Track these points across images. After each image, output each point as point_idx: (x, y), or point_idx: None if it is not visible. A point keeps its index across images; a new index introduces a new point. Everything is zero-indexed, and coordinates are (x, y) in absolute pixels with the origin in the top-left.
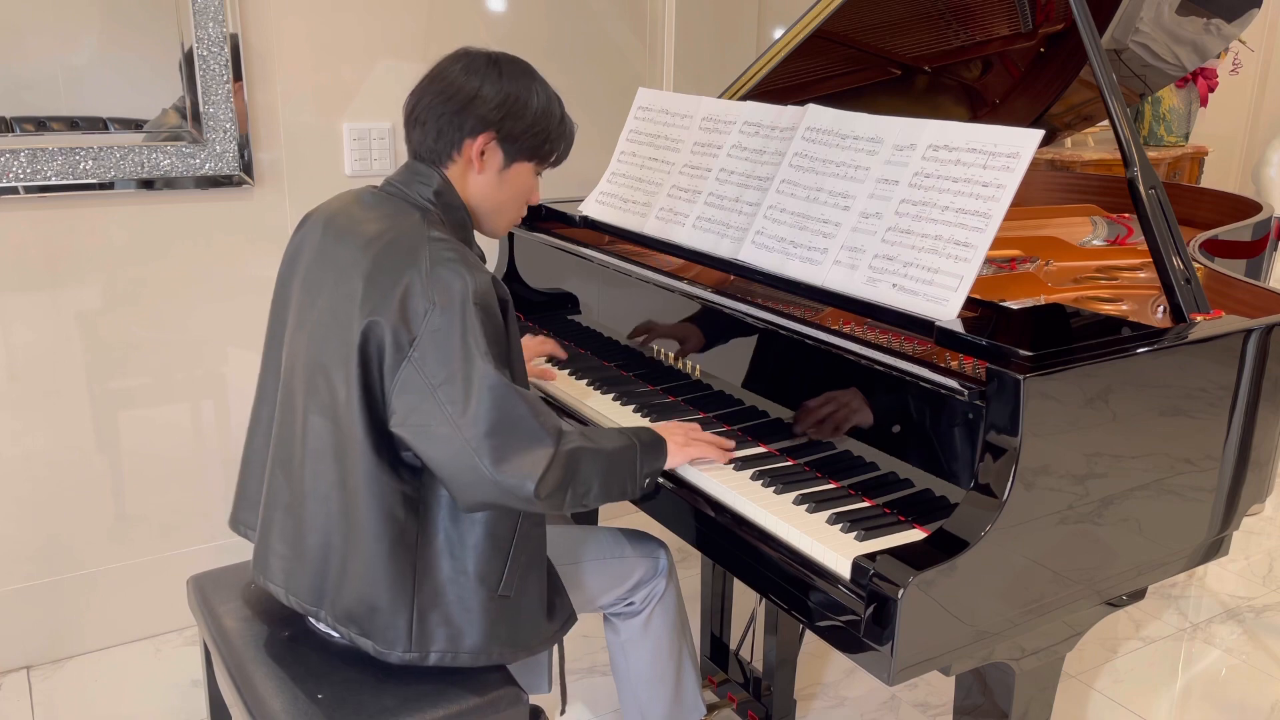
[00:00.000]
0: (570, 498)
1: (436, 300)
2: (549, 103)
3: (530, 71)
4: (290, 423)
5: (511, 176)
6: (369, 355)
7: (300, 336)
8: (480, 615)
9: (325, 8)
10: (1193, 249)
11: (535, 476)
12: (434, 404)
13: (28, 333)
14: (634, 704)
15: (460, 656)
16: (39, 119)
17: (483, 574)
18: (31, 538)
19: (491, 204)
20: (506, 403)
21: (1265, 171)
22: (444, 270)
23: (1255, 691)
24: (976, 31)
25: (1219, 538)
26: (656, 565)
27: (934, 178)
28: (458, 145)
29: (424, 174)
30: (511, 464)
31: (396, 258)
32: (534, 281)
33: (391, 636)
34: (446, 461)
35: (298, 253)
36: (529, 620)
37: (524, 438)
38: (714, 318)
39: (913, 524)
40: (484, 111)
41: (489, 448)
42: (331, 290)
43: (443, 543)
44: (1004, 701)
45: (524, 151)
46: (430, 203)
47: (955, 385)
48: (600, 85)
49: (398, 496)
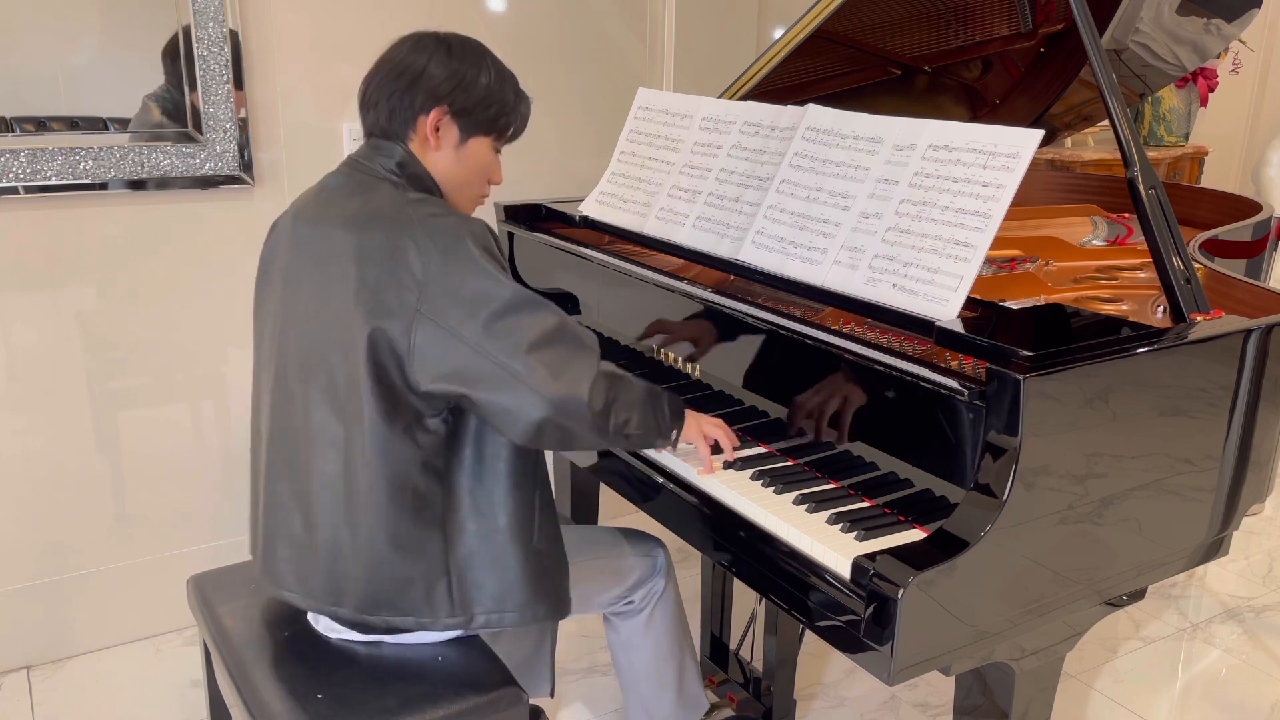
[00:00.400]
0: (613, 424)
1: (434, 251)
2: (500, 78)
3: (480, 49)
4: (288, 423)
5: (469, 152)
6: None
7: (291, 332)
8: (521, 572)
9: (325, 7)
10: (1193, 249)
11: (586, 387)
12: (462, 344)
13: (28, 333)
14: (639, 702)
15: (506, 616)
16: (39, 119)
17: (516, 530)
18: (32, 538)
19: (452, 181)
20: (541, 314)
21: (1265, 171)
22: (436, 223)
23: (1255, 691)
24: (976, 31)
25: (1219, 538)
26: (655, 564)
27: (934, 178)
28: (411, 122)
29: (385, 148)
30: (563, 378)
31: (384, 226)
32: (534, 281)
33: (433, 605)
34: (496, 394)
35: (272, 256)
36: (561, 575)
37: (569, 350)
38: (714, 318)
39: (913, 524)
40: (434, 86)
41: (539, 365)
42: (316, 277)
43: (469, 504)
44: (1004, 701)
45: (479, 126)
46: (394, 174)
47: (955, 385)
48: (600, 85)
49: (415, 466)
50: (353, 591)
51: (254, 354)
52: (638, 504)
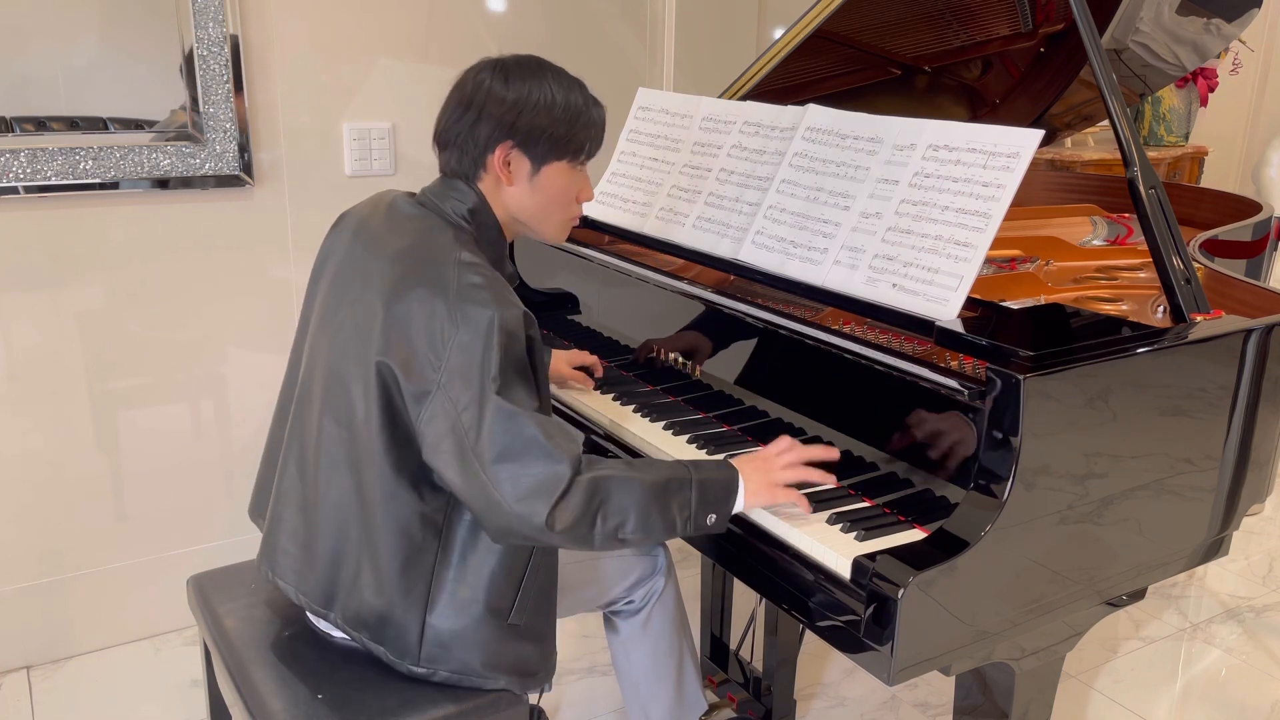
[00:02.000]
0: (600, 531)
1: (461, 327)
2: (565, 94)
3: (540, 67)
4: (306, 424)
5: (544, 181)
6: (389, 383)
7: (322, 339)
8: (488, 646)
9: (325, 8)
10: (1193, 249)
11: (549, 505)
12: (456, 433)
13: (28, 333)
14: (637, 702)
15: (468, 679)
16: (39, 119)
17: (494, 605)
18: (32, 538)
19: (531, 213)
20: (514, 428)
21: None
22: (471, 300)
23: (1255, 691)
24: (977, 31)
25: (1219, 538)
26: (655, 563)
27: (934, 178)
28: (481, 162)
29: (459, 190)
30: (523, 491)
31: (422, 278)
32: (534, 281)
33: (402, 648)
34: (466, 492)
35: (330, 253)
36: (537, 649)
37: (534, 464)
38: (714, 318)
39: (913, 524)
40: (496, 118)
41: (500, 476)
42: (355, 300)
43: (457, 568)
44: (1004, 701)
45: (549, 153)
46: (464, 220)
47: (955, 385)
48: (600, 85)
49: (415, 516)
50: (343, 602)
51: (298, 327)
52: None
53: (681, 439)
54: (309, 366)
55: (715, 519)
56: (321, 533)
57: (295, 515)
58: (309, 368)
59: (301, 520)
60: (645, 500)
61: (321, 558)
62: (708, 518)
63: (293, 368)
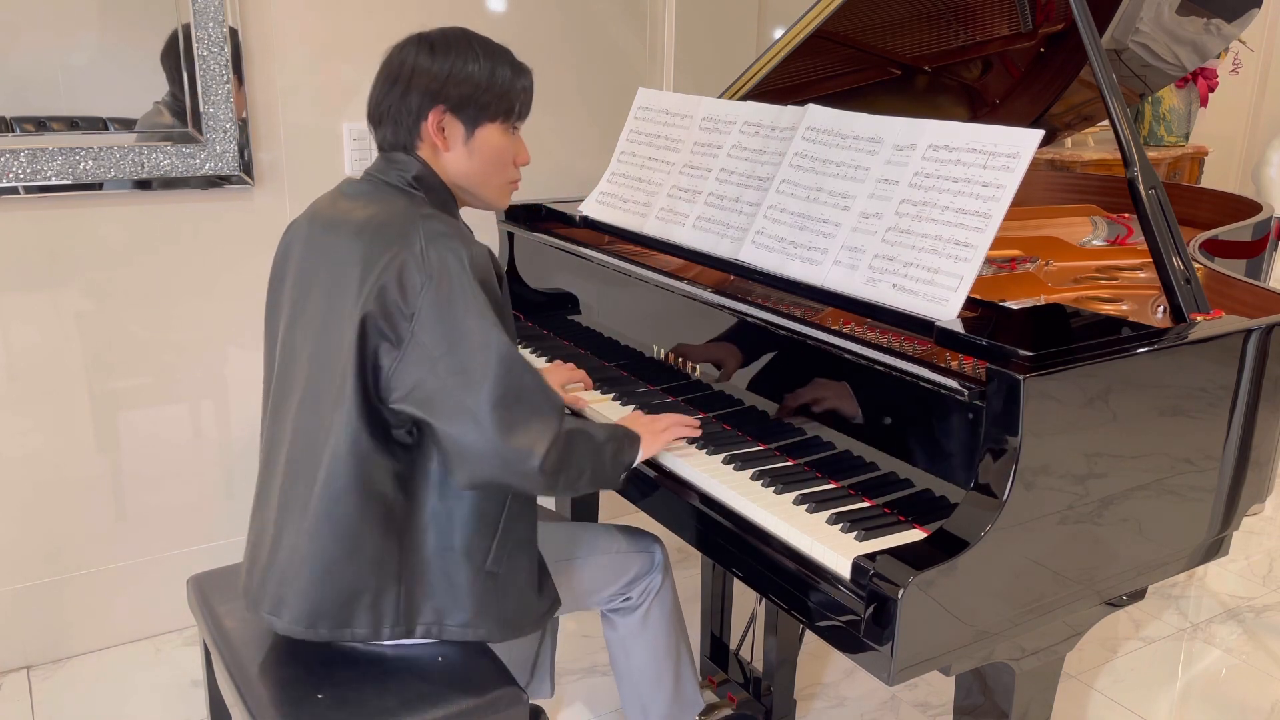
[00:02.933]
0: (564, 480)
1: (433, 273)
2: (491, 62)
3: (464, 36)
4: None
5: (479, 144)
6: (368, 338)
7: (295, 334)
8: (467, 591)
9: (325, 7)
10: (1193, 249)
11: (541, 450)
12: (436, 377)
13: (28, 333)
14: (635, 699)
15: (446, 629)
16: (39, 119)
17: (469, 549)
18: (32, 538)
19: (472, 177)
20: (515, 372)
21: (1265, 171)
22: (439, 244)
23: (1255, 691)
24: (977, 31)
25: (1219, 538)
26: (652, 560)
27: (934, 178)
28: (415, 129)
29: (400, 161)
30: (518, 435)
31: (390, 238)
32: (534, 281)
33: (376, 616)
34: (453, 433)
35: (287, 254)
36: (516, 599)
37: (532, 409)
38: (714, 318)
39: (913, 524)
40: (425, 85)
41: (497, 417)
42: (326, 281)
43: (429, 518)
44: (1004, 701)
45: (482, 114)
46: (412, 187)
47: (955, 385)
48: (600, 85)
49: (388, 474)
50: (293, 604)
51: (264, 353)
52: (637, 503)
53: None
54: (284, 365)
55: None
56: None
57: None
58: (284, 366)
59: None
60: (595, 456)
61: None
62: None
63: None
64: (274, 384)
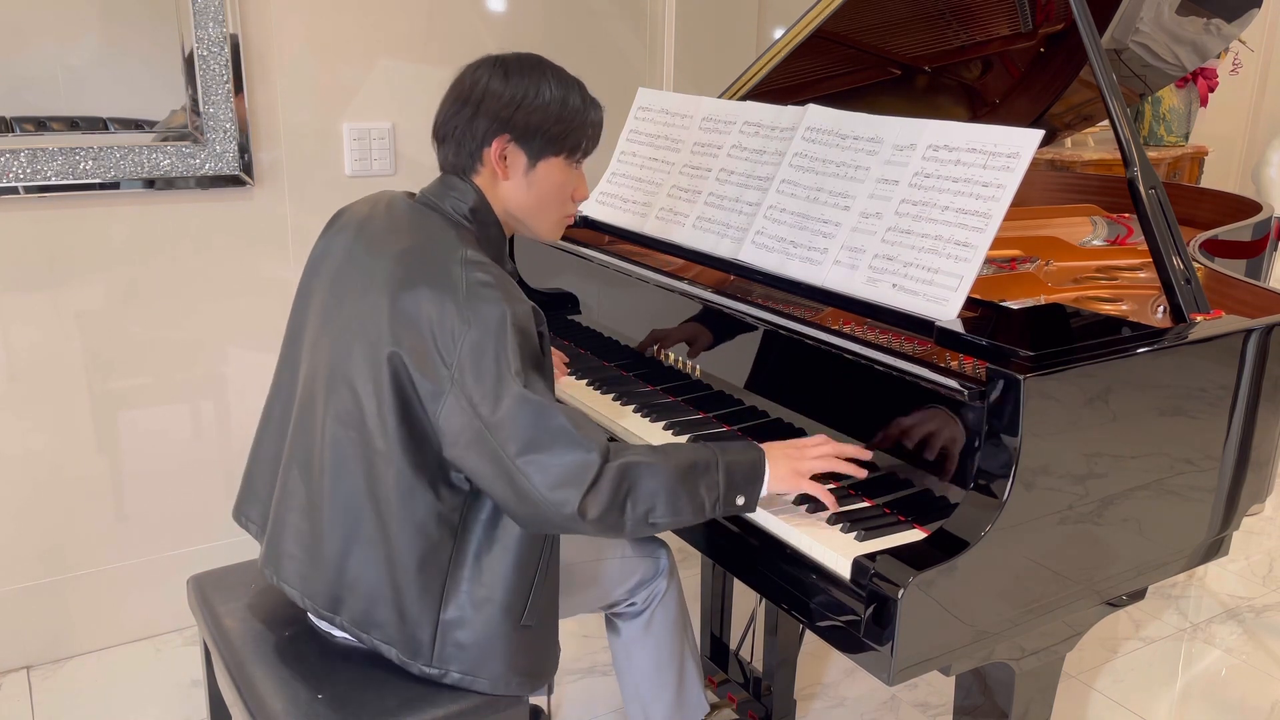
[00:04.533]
0: (631, 519)
1: (472, 323)
2: (564, 92)
3: (539, 64)
4: (310, 426)
5: (540, 176)
6: (402, 378)
7: (324, 341)
8: (503, 645)
9: (325, 8)
10: (1193, 249)
11: (580, 493)
12: (476, 426)
13: (28, 333)
14: (637, 703)
15: (479, 682)
16: (39, 119)
17: (508, 605)
18: (32, 538)
19: (526, 208)
20: (542, 418)
21: (1265, 171)
22: (481, 298)
23: (1255, 691)
24: (976, 31)
25: (1219, 538)
26: (658, 565)
27: (934, 178)
28: (478, 155)
29: (458, 188)
30: (554, 480)
31: (428, 277)
32: (534, 281)
33: (414, 648)
34: (494, 484)
35: (325, 253)
36: (545, 650)
37: (563, 453)
38: (714, 318)
39: (913, 524)
40: (494, 113)
41: (528, 465)
42: (358, 300)
43: (471, 568)
44: (1004, 701)
45: (546, 148)
46: (465, 219)
47: (955, 385)
48: (600, 85)
49: (432, 515)
50: (352, 605)
51: (287, 330)
52: None
53: (681, 439)
54: (311, 369)
55: (744, 500)
56: (328, 535)
57: (300, 519)
58: (311, 370)
59: (307, 524)
60: (673, 484)
61: (329, 560)
62: (736, 499)
63: (289, 369)
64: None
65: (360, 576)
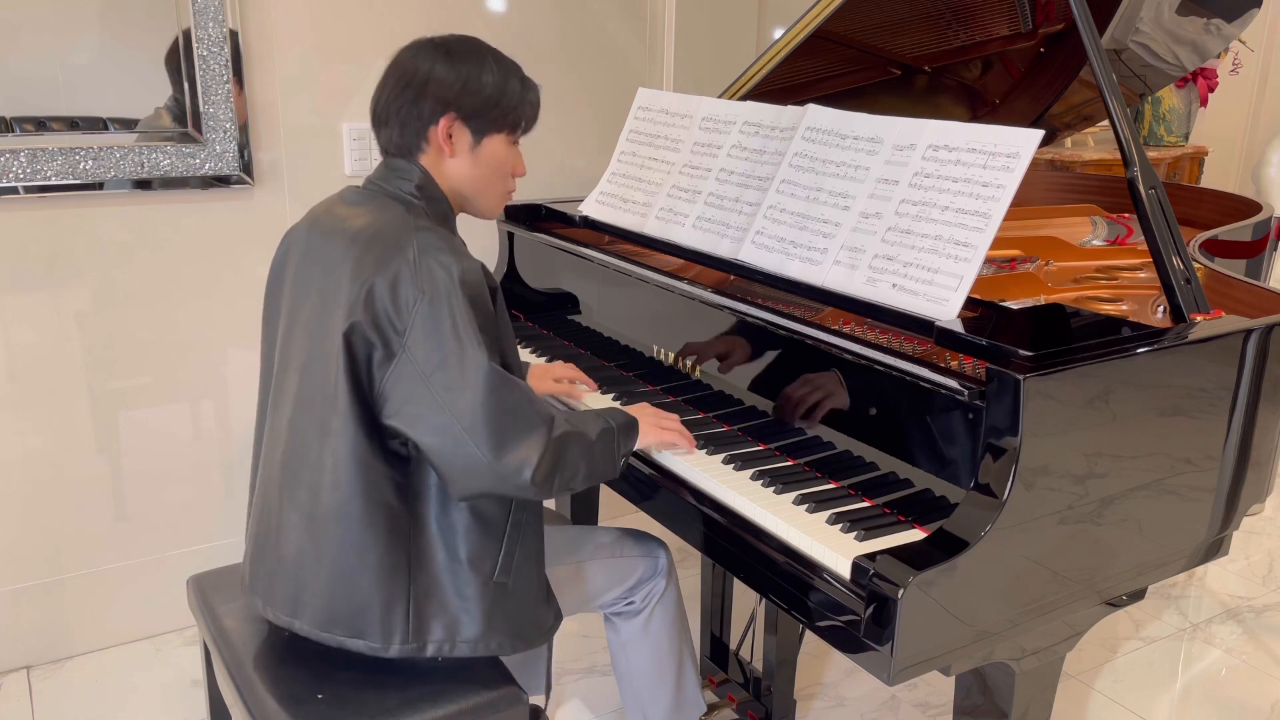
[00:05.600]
0: (559, 483)
1: (425, 288)
2: (504, 73)
3: (480, 47)
4: (276, 427)
5: (485, 153)
6: (355, 346)
7: (294, 336)
8: (476, 603)
9: (325, 7)
10: (1193, 249)
11: (532, 464)
12: (428, 392)
13: (28, 333)
14: (636, 703)
15: (458, 646)
16: (39, 119)
17: (475, 560)
18: (32, 538)
19: (473, 185)
20: (502, 390)
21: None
22: (431, 258)
23: (1255, 691)
24: (976, 31)
25: (1219, 538)
26: (656, 564)
27: (934, 178)
28: (423, 134)
29: (402, 169)
30: (509, 451)
31: (383, 249)
32: (534, 281)
33: (387, 630)
34: (443, 450)
35: (285, 258)
36: (526, 610)
37: (521, 425)
38: (714, 318)
39: (913, 524)
40: (439, 94)
41: (485, 435)
42: (320, 285)
43: (435, 530)
44: (1004, 701)
45: (491, 125)
46: (413, 196)
47: (955, 385)
48: (600, 85)
49: (390, 484)
50: (311, 606)
51: (261, 356)
52: (637, 504)
53: None
54: (280, 371)
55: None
56: (286, 535)
57: (267, 522)
58: (280, 372)
59: (273, 526)
60: (590, 454)
61: (288, 561)
62: (622, 461)
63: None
64: (271, 384)
65: (322, 572)
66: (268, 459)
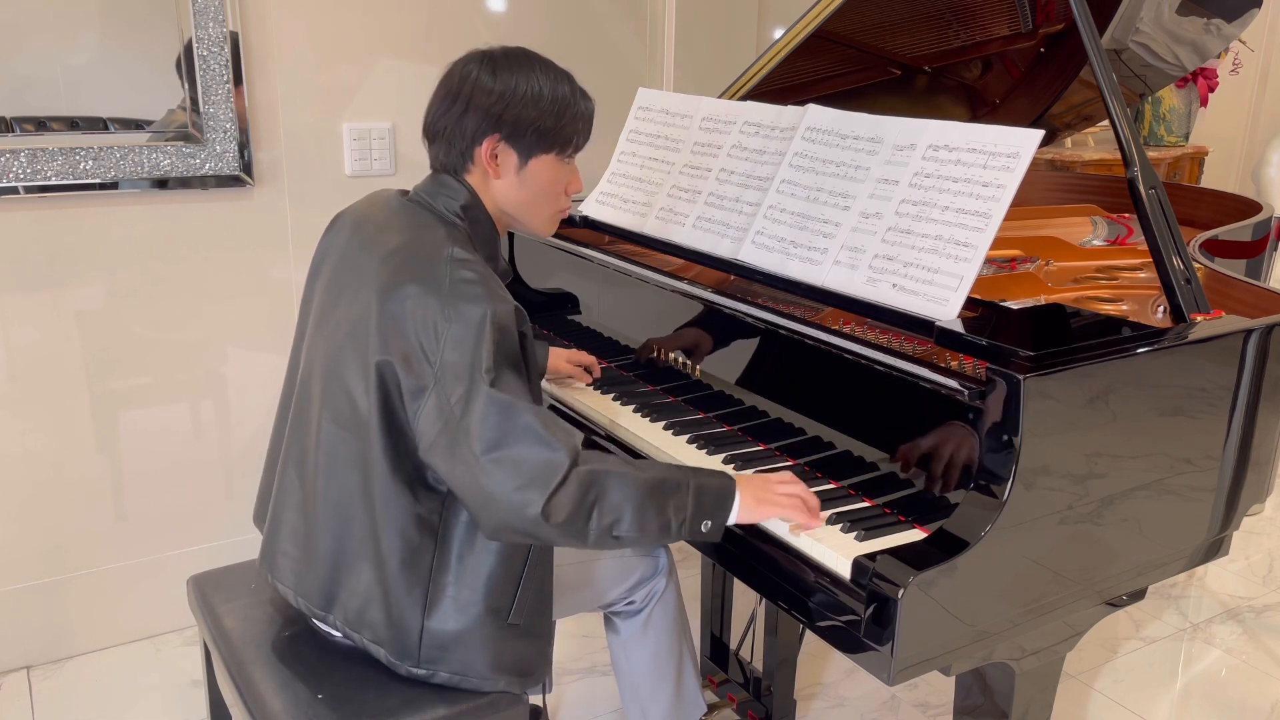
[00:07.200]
0: (595, 527)
1: (454, 322)
2: (553, 86)
3: (528, 58)
4: (305, 425)
5: (531, 174)
6: (388, 381)
7: (319, 339)
8: (489, 645)
9: (325, 7)
10: (1193, 249)
11: (544, 495)
12: (449, 426)
13: (28, 333)
14: (635, 702)
15: (467, 680)
16: (39, 119)
17: (494, 605)
18: (32, 538)
19: (519, 207)
20: (508, 418)
21: (1265, 171)
22: (463, 296)
23: (1255, 691)
24: (976, 31)
25: (1219, 538)
26: (656, 564)
27: (934, 178)
28: (469, 154)
29: (450, 187)
30: (518, 481)
31: (414, 275)
32: (534, 281)
33: (402, 649)
34: (462, 484)
35: (325, 254)
36: (536, 648)
37: (529, 453)
38: (714, 318)
39: (913, 524)
40: (483, 109)
41: (492, 465)
42: (350, 299)
43: (455, 570)
44: (1004, 701)
45: (536, 145)
46: (458, 217)
47: (955, 385)
48: (600, 85)
49: (411, 518)
50: (344, 603)
51: (296, 330)
52: None
53: (681, 439)
54: (307, 367)
55: (710, 526)
56: (321, 534)
57: (295, 517)
58: (307, 368)
59: (301, 522)
60: (641, 498)
61: (321, 559)
62: (703, 524)
63: (292, 369)
64: (297, 383)
65: (352, 576)
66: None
